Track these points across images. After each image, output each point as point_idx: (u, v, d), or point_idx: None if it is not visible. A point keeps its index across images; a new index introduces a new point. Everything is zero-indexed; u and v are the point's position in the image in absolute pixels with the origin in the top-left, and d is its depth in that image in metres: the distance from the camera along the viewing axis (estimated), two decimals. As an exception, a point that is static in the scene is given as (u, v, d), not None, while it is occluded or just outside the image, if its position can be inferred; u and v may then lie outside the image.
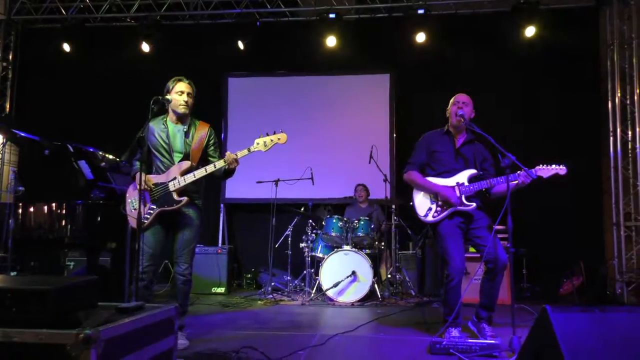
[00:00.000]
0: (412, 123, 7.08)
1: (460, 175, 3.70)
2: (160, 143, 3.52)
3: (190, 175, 3.42)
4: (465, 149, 3.79)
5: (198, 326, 4.16)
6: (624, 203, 6.21)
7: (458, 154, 3.77)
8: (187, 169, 3.44)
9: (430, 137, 3.89)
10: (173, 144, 3.52)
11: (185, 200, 3.41)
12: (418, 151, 3.88)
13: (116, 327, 1.61)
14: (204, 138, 3.58)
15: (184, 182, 3.41)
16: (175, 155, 3.51)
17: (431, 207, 3.71)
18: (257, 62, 7.66)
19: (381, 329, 4.18)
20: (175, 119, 3.57)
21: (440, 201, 3.68)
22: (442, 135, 3.85)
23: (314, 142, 7.44)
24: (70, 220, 4.38)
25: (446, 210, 3.65)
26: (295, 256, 6.39)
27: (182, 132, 3.54)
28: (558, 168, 3.52)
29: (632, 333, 2.04)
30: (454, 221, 3.66)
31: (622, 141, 6.31)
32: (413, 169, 3.85)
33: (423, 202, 3.76)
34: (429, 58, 7.15)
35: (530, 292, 6.17)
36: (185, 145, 3.52)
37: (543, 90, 6.90)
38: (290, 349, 3.25)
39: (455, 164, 3.74)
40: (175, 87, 3.52)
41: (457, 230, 3.65)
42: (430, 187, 3.73)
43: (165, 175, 3.48)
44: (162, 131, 3.53)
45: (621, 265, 6.10)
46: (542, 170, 3.53)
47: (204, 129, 3.61)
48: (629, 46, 6.35)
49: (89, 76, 7.69)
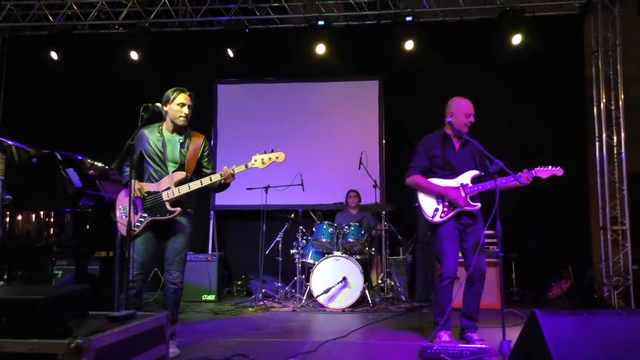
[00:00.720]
0: (401, 129, 7.14)
1: (463, 177, 3.74)
2: (155, 151, 3.50)
3: (185, 187, 3.41)
4: (464, 151, 3.82)
5: (189, 334, 4.14)
6: (610, 207, 6.29)
7: (458, 157, 3.80)
8: (181, 179, 3.43)
9: (428, 141, 3.90)
10: (167, 153, 3.50)
11: (178, 211, 3.39)
12: (418, 156, 3.91)
13: (107, 336, 1.60)
14: (198, 149, 3.57)
15: (178, 192, 3.39)
16: (169, 165, 3.50)
17: (438, 208, 3.74)
18: (247, 69, 7.67)
19: (372, 335, 4.19)
20: (172, 129, 3.55)
21: (446, 202, 3.72)
22: (440, 139, 3.87)
23: (304, 148, 7.45)
24: (58, 229, 4.34)
25: (453, 210, 3.69)
26: (286, 262, 6.39)
27: (178, 142, 3.53)
28: (555, 169, 3.63)
29: (620, 336, 2.06)
30: (458, 222, 3.71)
31: (608, 146, 6.39)
32: (415, 172, 3.87)
33: (429, 203, 3.78)
34: (418, 64, 7.22)
35: (520, 296, 6.22)
36: (181, 156, 3.51)
37: (529, 96, 6.98)
38: (281, 355, 3.24)
39: (456, 166, 3.78)
40: (177, 99, 3.49)
41: (455, 233, 3.71)
42: (435, 189, 3.76)
43: (157, 184, 3.46)
44: (157, 139, 3.51)
45: (608, 268, 6.16)
46: (541, 171, 3.62)
47: (199, 139, 3.61)
48: (613, 53, 6.46)
49: (77, 83, 7.65)
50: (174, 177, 3.44)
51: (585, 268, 6.32)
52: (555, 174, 3.62)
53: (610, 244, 6.22)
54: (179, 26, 7.65)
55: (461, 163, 3.78)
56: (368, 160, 6.25)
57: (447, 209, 3.71)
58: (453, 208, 3.70)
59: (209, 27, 7.63)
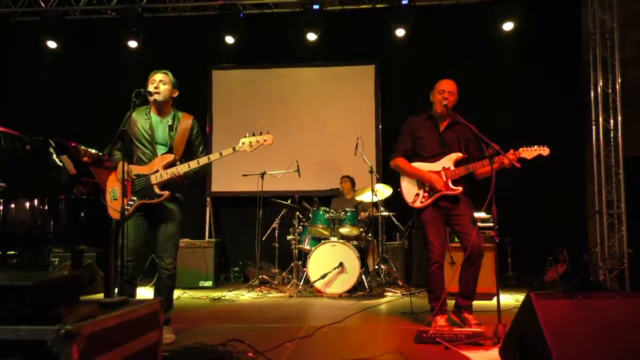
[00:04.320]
0: (397, 114, 7.01)
1: (445, 160, 3.71)
2: (143, 134, 3.48)
3: (173, 169, 3.38)
4: (449, 133, 3.78)
5: (185, 320, 4.14)
6: (606, 191, 6.29)
7: (442, 139, 3.76)
8: (169, 162, 3.40)
9: (414, 122, 3.88)
10: (156, 135, 3.48)
11: (166, 195, 3.37)
12: (402, 137, 3.88)
13: (98, 322, 1.59)
14: (187, 130, 3.53)
15: (166, 175, 3.37)
16: (158, 147, 3.47)
17: (419, 193, 3.73)
18: (241, 55, 7.60)
19: (369, 320, 4.20)
20: (156, 110, 3.52)
21: (427, 187, 3.70)
22: (425, 121, 3.84)
23: (300, 134, 7.42)
24: (53, 216, 4.31)
25: (433, 196, 3.67)
26: (283, 249, 6.38)
27: (166, 124, 3.50)
28: (541, 149, 3.56)
29: (615, 318, 2.06)
30: (438, 207, 3.69)
31: (604, 130, 6.38)
32: (399, 155, 3.85)
33: (410, 188, 3.77)
34: (414, 48, 7.16)
35: (515, 281, 6.25)
36: (170, 138, 3.48)
37: (526, 79, 6.95)
38: (278, 340, 3.24)
39: (440, 148, 3.74)
40: (150, 79, 3.50)
41: (438, 216, 3.69)
42: (416, 173, 3.74)
43: (147, 167, 3.43)
44: (145, 121, 3.49)
45: (604, 252, 6.19)
46: (526, 151, 3.56)
47: (188, 120, 3.56)
48: (611, 35, 6.41)
49: (69, 69, 7.58)
50: (163, 159, 3.41)
51: (581, 252, 6.35)
52: (541, 153, 3.55)
53: (606, 228, 6.23)
54: (172, 11, 7.56)
55: (445, 145, 3.74)
56: (364, 146, 6.21)
57: (427, 194, 3.70)
58: (433, 193, 3.67)
59: (203, 12, 7.54)
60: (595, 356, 1.94)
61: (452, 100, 3.74)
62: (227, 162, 7.23)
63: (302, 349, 3.18)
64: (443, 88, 3.76)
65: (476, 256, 3.55)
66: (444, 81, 3.80)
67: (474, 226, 3.56)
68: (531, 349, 2.08)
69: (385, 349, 3.04)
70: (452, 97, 3.74)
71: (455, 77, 3.87)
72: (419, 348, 3.11)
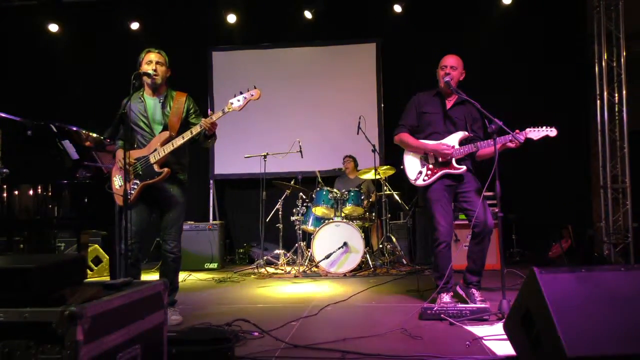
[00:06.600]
0: (400, 92, 7.00)
1: (450, 138, 3.67)
2: (139, 117, 3.47)
3: (169, 145, 3.36)
4: (455, 111, 3.74)
5: (191, 302, 4.18)
6: (610, 166, 6.25)
7: (448, 116, 3.72)
8: (166, 139, 3.39)
9: (421, 98, 3.83)
10: (152, 117, 3.47)
11: (165, 172, 3.36)
12: (408, 112, 3.83)
13: (102, 304, 1.59)
14: (181, 107, 3.51)
15: (163, 152, 3.36)
16: (155, 127, 3.47)
17: (422, 171, 3.70)
18: (241, 35, 7.54)
19: (373, 298, 4.22)
20: (150, 91, 3.50)
21: (430, 163, 3.67)
22: (432, 97, 3.79)
23: (302, 114, 7.39)
24: (57, 201, 4.33)
25: (437, 173, 3.65)
26: (287, 230, 6.40)
27: (159, 103, 3.48)
28: (548, 130, 3.50)
29: (619, 291, 2.06)
30: (443, 185, 3.65)
31: (609, 104, 6.31)
32: (403, 130, 3.81)
33: (413, 166, 3.74)
34: (415, 26, 7.08)
35: (520, 257, 6.26)
36: (164, 116, 3.47)
37: (530, 54, 6.87)
38: (283, 320, 3.27)
39: (445, 126, 3.70)
40: (145, 58, 3.48)
41: (444, 195, 3.65)
42: (421, 146, 3.71)
43: (146, 148, 3.43)
44: (139, 104, 3.48)
45: (608, 227, 6.17)
46: (533, 132, 3.51)
47: (182, 98, 3.54)
48: (615, 7, 6.29)
49: (67, 54, 7.53)
50: (160, 137, 3.40)
51: (585, 227, 6.34)
52: (548, 134, 3.50)
53: (610, 203, 6.21)
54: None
55: (450, 123, 3.71)
56: (367, 125, 6.18)
57: (430, 172, 3.67)
58: (437, 170, 3.64)
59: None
60: (600, 329, 1.93)
61: (456, 75, 3.69)
62: (229, 144, 7.25)
63: (308, 328, 3.20)
64: (445, 63, 3.71)
65: (485, 233, 3.53)
66: (446, 56, 3.75)
67: (482, 203, 3.53)
68: (536, 323, 2.09)
69: (390, 326, 3.06)
70: (454, 72, 3.68)
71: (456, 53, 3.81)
72: (424, 324, 3.13)
